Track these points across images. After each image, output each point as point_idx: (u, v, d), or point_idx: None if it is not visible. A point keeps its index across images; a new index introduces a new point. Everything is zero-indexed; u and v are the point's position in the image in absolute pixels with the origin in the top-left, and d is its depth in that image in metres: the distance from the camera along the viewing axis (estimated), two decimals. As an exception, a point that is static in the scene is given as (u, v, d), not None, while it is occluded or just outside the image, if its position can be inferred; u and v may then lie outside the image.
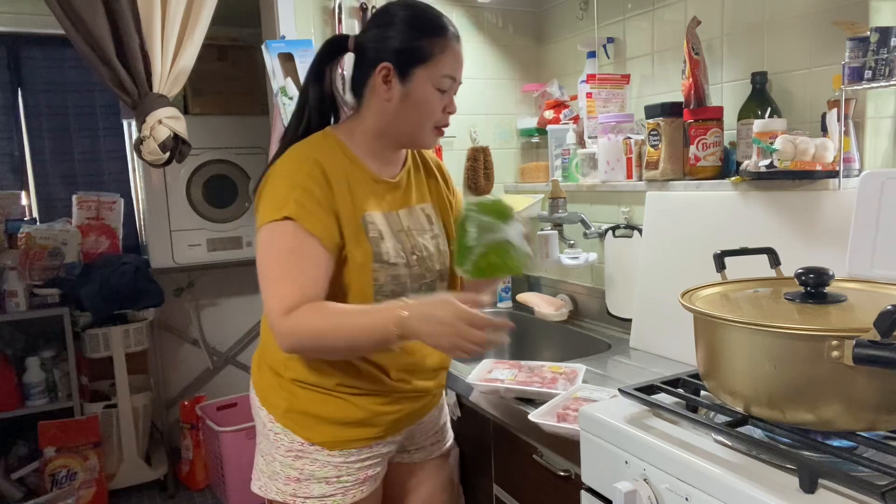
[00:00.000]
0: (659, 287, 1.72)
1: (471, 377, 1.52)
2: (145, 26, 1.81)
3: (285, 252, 1.14)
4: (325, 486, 1.24)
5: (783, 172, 1.37)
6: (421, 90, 1.21)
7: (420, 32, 1.21)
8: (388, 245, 1.23)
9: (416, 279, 1.27)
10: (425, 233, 1.31)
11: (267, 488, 1.29)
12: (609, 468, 1.10)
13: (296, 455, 1.25)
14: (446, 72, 1.22)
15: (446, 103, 1.25)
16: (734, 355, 0.98)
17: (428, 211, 1.35)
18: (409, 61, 1.20)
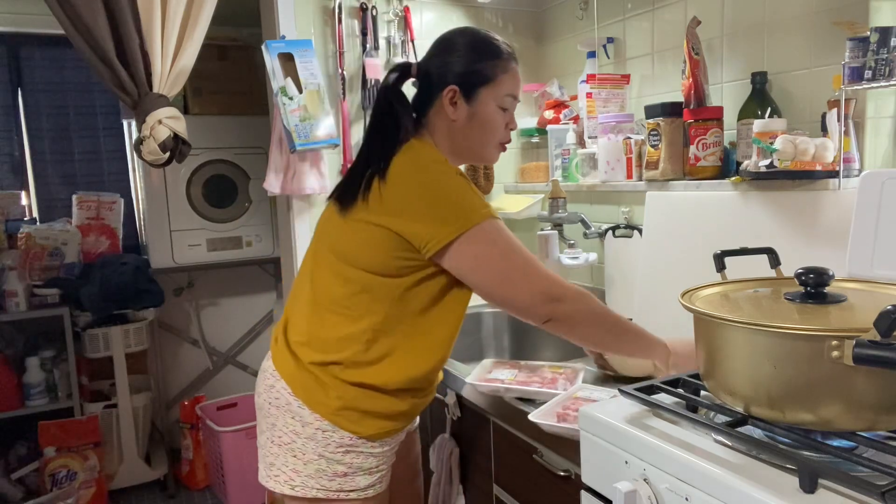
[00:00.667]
0: (659, 287, 1.71)
1: (470, 377, 1.52)
2: (145, 26, 1.81)
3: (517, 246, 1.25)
4: (369, 477, 1.30)
5: (783, 172, 1.37)
6: (486, 109, 1.31)
7: (482, 55, 1.30)
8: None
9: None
10: None
11: (307, 487, 1.28)
12: (609, 468, 1.10)
13: (346, 450, 1.28)
14: (508, 91, 1.31)
15: (508, 120, 1.34)
16: (734, 355, 0.98)
17: None
18: (473, 83, 1.29)
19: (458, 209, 1.20)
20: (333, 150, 2.12)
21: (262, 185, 2.10)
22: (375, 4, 2.17)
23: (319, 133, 2.00)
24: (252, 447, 2.79)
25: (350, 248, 1.26)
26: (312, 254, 1.37)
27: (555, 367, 1.55)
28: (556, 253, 1.97)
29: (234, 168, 3.20)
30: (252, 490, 2.77)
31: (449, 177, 1.23)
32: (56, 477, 2.74)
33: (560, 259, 1.98)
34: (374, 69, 2.14)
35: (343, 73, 2.13)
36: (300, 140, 1.97)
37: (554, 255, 1.97)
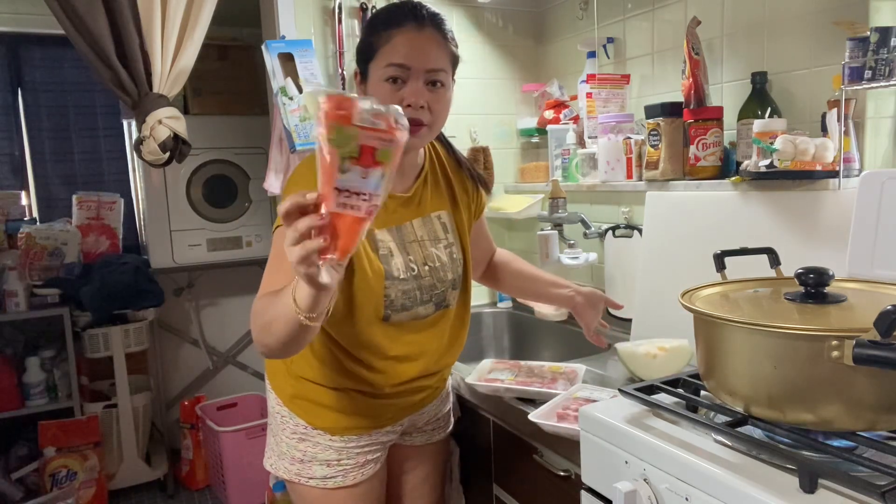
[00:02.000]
0: (659, 287, 1.72)
1: (470, 378, 1.52)
2: (145, 26, 1.81)
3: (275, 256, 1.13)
4: (327, 469, 1.30)
5: (783, 172, 1.37)
6: (373, 87, 1.18)
7: (369, 30, 1.21)
8: (397, 261, 1.25)
9: (427, 290, 1.29)
10: (439, 242, 1.32)
11: (276, 466, 1.35)
12: (609, 468, 1.10)
13: (300, 437, 1.31)
14: (388, 61, 1.16)
15: (404, 95, 1.15)
16: (734, 355, 0.98)
17: (444, 219, 1.35)
18: (364, 60, 1.21)
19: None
20: (333, 150, 2.12)
21: (262, 185, 2.10)
22: (375, 4, 2.17)
23: (319, 133, 2.00)
24: (252, 447, 2.81)
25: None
26: None
27: (555, 367, 1.55)
28: (556, 253, 1.97)
29: (234, 168, 3.20)
30: (252, 490, 2.77)
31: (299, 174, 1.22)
32: (56, 477, 2.74)
33: (560, 259, 1.97)
34: (374, 69, 2.14)
35: (343, 73, 2.13)
36: (300, 140, 1.97)
37: (554, 255, 1.97)
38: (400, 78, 1.16)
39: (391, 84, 1.16)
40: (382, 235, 1.25)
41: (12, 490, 2.73)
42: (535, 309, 2.19)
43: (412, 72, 1.16)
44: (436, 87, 1.18)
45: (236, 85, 3.18)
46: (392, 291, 1.23)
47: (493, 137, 2.41)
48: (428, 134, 1.22)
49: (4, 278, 2.79)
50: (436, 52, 1.18)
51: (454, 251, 1.34)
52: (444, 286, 1.31)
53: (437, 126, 1.23)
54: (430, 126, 1.20)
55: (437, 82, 1.18)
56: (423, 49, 1.17)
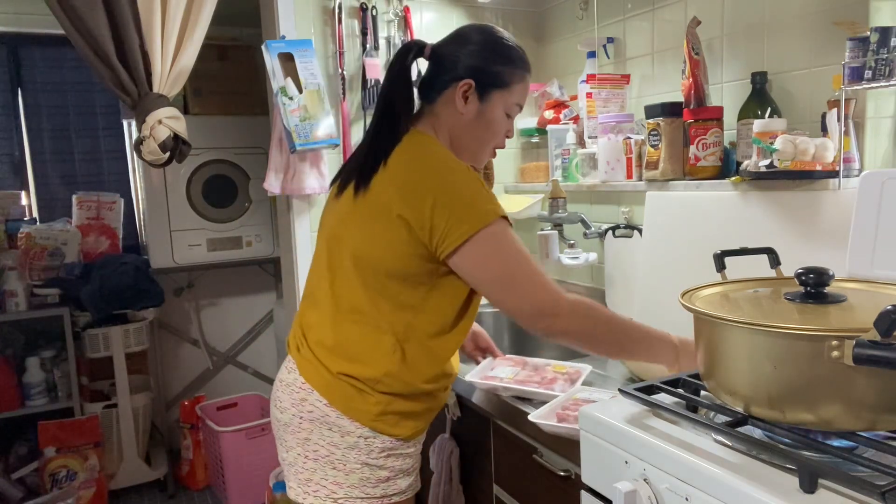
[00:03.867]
0: (659, 287, 1.72)
1: (470, 375, 1.52)
2: (145, 26, 1.81)
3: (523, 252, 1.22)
4: (408, 478, 1.32)
5: (783, 172, 1.37)
6: (494, 112, 1.31)
7: (502, 58, 1.32)
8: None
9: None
10: None
11: (350, 497, 1.27)
12: (609, 468, 1.10)
13: (387, 454, 1.28)
14: (517, 100, 1.33)
15: (509, 127, 1.36)
16: (734, 355, 0.98)
17: None
18: (488, 83, 1.29)
19: (472, 208, 1.18)
20: (333, 150, 2.12)
21: (262, 185, 2.10)
22: (375, 4, 2.17)
23: (319, 133, 2.00)
24: (252, 447, 2.81)
25: (369, 248, 1.23)
26: (326, 254, 1.32)
27: (559, 366, 1.55)
28: (556, 253, 1.97)
29: (234, 168, 3.20)
30: (252, 490, 2.77)
31: (464, 173, 1.22)
32: (56, 477, 2.74)
33: (560, 259, 1.98)
34: (374, 69, 2.14)
35: (343, 73, 2.13)
36: (300, 140, 1.97)
37: (554, 255, 1.97)
38: (514, 115, 1.36)
39: (507, 118, 1.34)
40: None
41: (12, 490, 2.73)
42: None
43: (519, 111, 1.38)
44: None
45: (236, 85, 3.18)
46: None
47: (493, 137, 2.41)
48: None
49: (4, 278, 2.79)
50: None
51: None
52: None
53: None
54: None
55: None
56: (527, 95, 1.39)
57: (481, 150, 1.35)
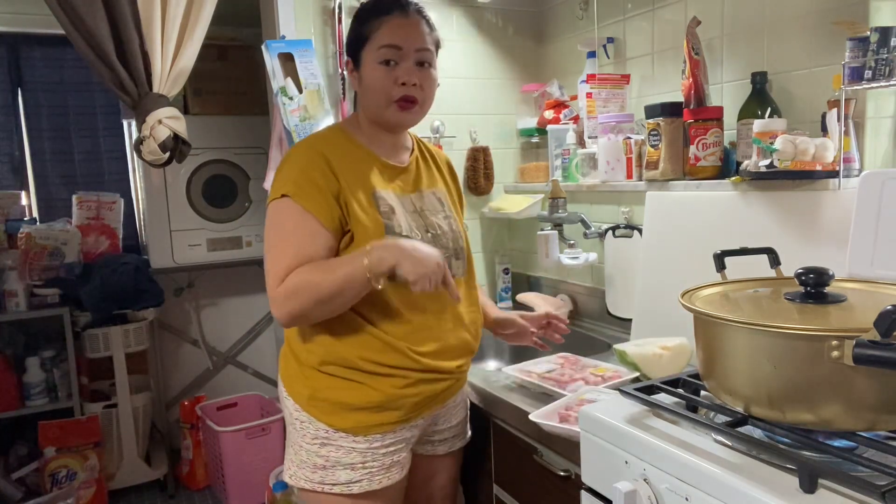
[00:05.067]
0: (659, 287, 1.72)
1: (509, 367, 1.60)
2: (145, 26, 1.81)
3: (283, 226, 1.24)
4: (351, 473, 1.28)
5: (783, 172, 1.37)
6: (367, 71, 1.28)
7: (360, 20, 1.32)
8: (399, 219, 1.29)
9: None
10: (438, 213, 1.38)
11: (297, 477, 1.32)
12: (609, 468, 1.10)
13: (321, 442, 1.28)
14: (382, 42, 1.26)
15: (398, 75, 1.26)
16: (734, 355, 0.98)
17: (439, 195, 1.42)
18: (356, 49, 1.31)
19: (276, 182, 1.26)
20: (333, 150, 2.12)
21: (262, 185, 2.10)
22: (375, 4, 2.16)
23: (319, 133, 2.00)
24: (252, 447, 2.81)
25: None
26: None
27: (602, 368, 1.55)
28: (556, 253, 1.97)
29: (234, 168, 3.20)
30: (252, 490, 2.77)
31: (297, 151, 1.29)
32: (56, 477, 2.74)
33: (560, 259, 1.98)
34: (374, 69, 2.14)
35: (343, 73, 2.13)
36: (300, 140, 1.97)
37: (554, 255, 1.97)
38: (393, 59, 1.26)
39: (385, 66, 1.26)
40: (384, 194, 1.30)
41: (12, 490, 2.73)
42: (535, 309, 2.19)
43: (404, 52, 1.26)
44: (424, 67, 1.29)
45: (236, 85, 3.17)
46: None
47: (493, 137, 2.41)
48: (419, 111, 1.32)
49: (4, 278, 2.79)
50: (423, 35, 1.29)
51: (453, 223, 1.40)
52: (447, 253, 1.34)
53: (427, 104, 1.33)
54: (422, 104, 1.31)
55: (425, 62, 1.29)
56: (412, 31, 1.28)
57: (382, 112, 1.30)
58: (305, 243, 1.22)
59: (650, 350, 1.47)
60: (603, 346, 1.87)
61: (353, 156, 1.31)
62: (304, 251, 1.21)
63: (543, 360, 1.64)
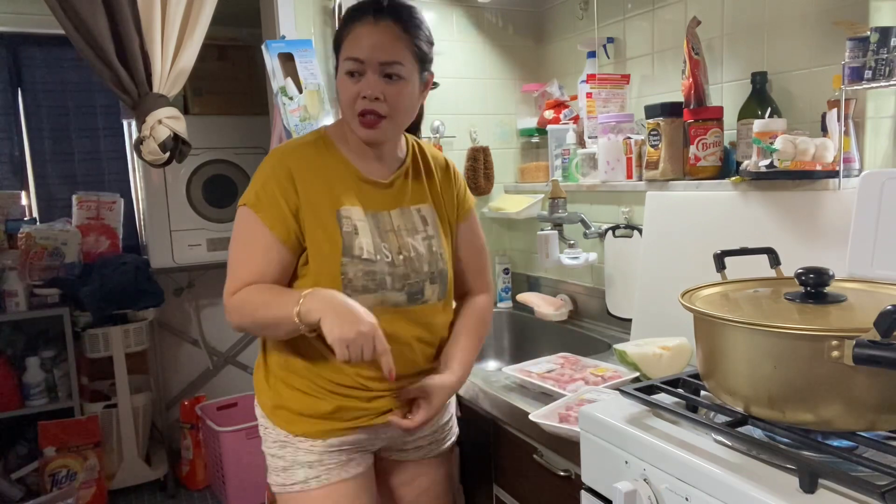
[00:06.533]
0: (659, 287, 1.72)
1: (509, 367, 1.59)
2: (145, 26, 1.81)
3: (241, 236, 1.24)
4: (309, 470, 1.29)
5: (783, 172, 1.37)
6: (338, 81, 1.24)
7: (340, 25, 1.26)
8: (363, 240, 1.24)
9: (400, 279, 1.27)
10: (418, 233, 1.32)
11: (270, 481, 1.35)
12: (609, 468, 1.10)
13: (281, 444, 1.31)
14: (347, 53, 1.20)
15: (361, 87, 1.20)
16: (734, 355, 0.98)
17: (424, 212, 1.35)
18: (336, 55, 1.26)
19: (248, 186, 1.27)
20: (333, 150, 2.12)
21: (262, 185, 2.10)
22: (375, 4, 2.16)
23: (319, 133, 2.00)
24: (252, 447, 2.80)
25: None
26: None
27: (602, 368, 1.55)
28: (556, 253, 1.97)
29: (234, 168, 3.20)
30: (252, 490, 2.77)
31: (268, 158, 1.28)
32: (56, 477, 2.74)
33: (560, 259, 1.98)
34: (374, 69, 2.14)
35: (343, 73, 2.12)
36: (300, 140, 1.97)
37: (554, 255, 1.97)
38: (357, 71, 1.20)
39: (350, 78, 1.20)
40: (351, 212, 1.25)
41: (12, 490, 2.73)
42: (535, 309, 2.19)
43: (366, 65, 1.19)
44: (392, 80, 1.20)
45: (236, 85, 3.17)
46: (350, 269, 1.22)
47: (493, 137, 2.41)
48: (389, 126, 1.24)
49: (4, 278, 2.79)
50: (391, 44, 1.19)
51: (434, 244, 1.33)
52: (419, 277, 1.29)
53: (398, 119, 1.25)
54: (390, 117, 1.22)
55: (393, 75, 1.20)
56: (378, 42, 1.19)
57: (350, 124, 1.25)
58: (258, 258, 1.21)
59: (650, 350, 1.47)
60: (603, 346, 1.87)
61: (327, 168, 1.27)
62: (257, 266, 1.21)
63: (543, 360, 1.64)
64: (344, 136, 1.30)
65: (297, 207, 1.22)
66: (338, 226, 1.24)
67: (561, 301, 2.19)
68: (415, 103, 1.28)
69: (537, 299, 2.22)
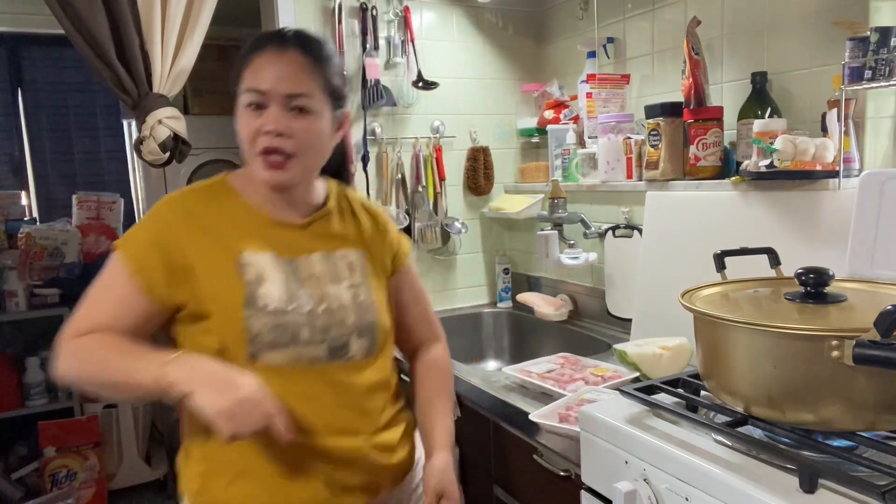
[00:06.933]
0: (659, 287, 1.72)
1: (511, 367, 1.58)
2: (145, 26, 1.81)
3: (102, 279, 1.10)
4: None
5: (783, 172, 1.37)
6: (238, 115, 1.12)
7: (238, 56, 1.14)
8: (270, 289, 1.09)
9: (320, 332, 1.10)
10: (342, 280, 1.15)
11: None
12: (609, 468, 1.10)
13: None
14: (247, 84, 1.09)
15: (263, 122, 1.07)
16: (734, 355, 0.98)
17: (351, 258, 1.19)
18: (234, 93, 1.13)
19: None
20: (333, 150, 2.12)
21: (262, 185, 2.10)
22: (375, 4, 2.17)
23: (319, 133, 2.00)
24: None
25: None
26: None
27: (602, 368, 1.55)
28: (556, 253, 1.97)
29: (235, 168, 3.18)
30: (252, 490, 2.77)
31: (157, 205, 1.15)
32: (56, 477, 2.74)
33: (560, 259, 1.98)
34: (373, 69, 2.14)
35: (343, 73, 2.12)
36: (300, 140, 1.97)
37: (554, 255, 1.97)
38: (258, 104, 1.08)
39: (250, 111, 1.09)
40: (255, 258, 1.10)
41: (12, 490, 2.73)
42: (535, 309, 2.19)
43: (269, 96, 1.07)
44: (300, 114, 1.08)
45: (236, 85, 3.17)
46: (255, 323, 1.06)
47: (493, 137, 2.41)
48: (297, 167, 1.10)
49: (4, 278, 2.79)
50: (297, 75, 1.08)
51: (362, 293, 1.16)
52: (343, 330, 1.12)
53: (307, 157, 1.11)
54: (298, 156, 1.09)
55: (301, 108, 1.08)
56: (283, 72, 1.08)
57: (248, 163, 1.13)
58: (114, 303, 1.07)
59: (650, 350, 1.47)
60: (603, 346, 1.87)
61: (223, 215, 1.13)
62: (111, 312, 1.07)
63: (543, 360, 1.64)
64: (250, 183, 1.16)
65: (179, 260, 1.08)
66: (238, 275, 1.08)
67: (561, 301, 2.19)
68: (326, 143, 1.14)
69: (537, 299, 2.22)
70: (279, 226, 1.15)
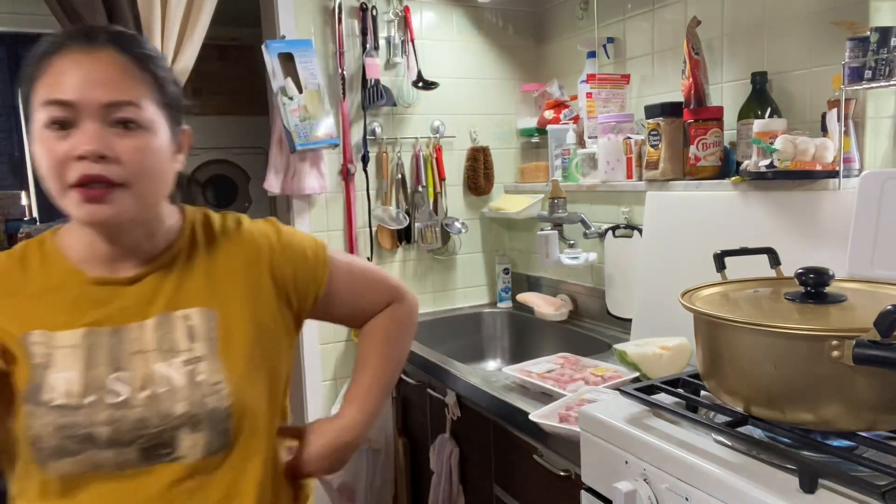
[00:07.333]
0: (659, 287, 1.72)
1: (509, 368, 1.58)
2: (145, 26, 1.81)
3: None
4: None
5: (783, 172, 1.37)
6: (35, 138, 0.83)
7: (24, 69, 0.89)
8: (61, 377, 0.83)
9: (130, 429, 0.83)
10: (175, 356, 0.88)
11: None
12: (609, 468, 1.10)
13: None
14: (42, 98, 0.82)
15: (73, 144, 0.79)
16: (734, 355, 0.98)
17: (194, 320, 0.90)
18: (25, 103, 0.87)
19: None
20: (333, 150, 2.12)
21: (262, 185, 2.11)
22: (375, 4, 2.17)
23: (319, 133, 2.00)
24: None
25: None
26: None
27: (602, 368, 1.55)
28: (556, 253, 1.97)
29: (235, 168, 3.20)
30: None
31: None
32: None
33: (560, 259, 1.98)
34: (373, 69, 2.14)
35: (343, 73, 2.13)
36: (300, 140, 1.97)
37: (554, 255, 1.97)
38: (64, 120, 0.80)
39: (53, 132, 0.80)
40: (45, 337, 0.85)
41: (12, 490, 2.73)
42: (535, 309, 2.19)
43: (79, 109, 0.80)
44: (128, 130, 0.82)
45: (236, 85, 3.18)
46: (36, 423, 0.81)
47: (493, 137, 2.41)
48: (125, 199, 0.83)
49: (4, 278, 2.79)
50: (118, 77, 0.82)
51: (202, 370, 0.88)
52: (166, 422, 0.85)
53: (141, 187, 0.84)
54: (129, 185, 0.83)
55: (127, 122, 0.82)
56: (95, 75, 0.81)
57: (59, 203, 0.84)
58: None
59: (650, 350, 1.47)
60: (603, 346, 1.87)
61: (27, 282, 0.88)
62: None
63: (543, 360, 1.64)
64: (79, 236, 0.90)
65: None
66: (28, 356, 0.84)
67: (561, 301, 2.19)
68: (165, 167, 0.89)
69: (537, 299, 2.22)
70: (100, 285, 0.88)
